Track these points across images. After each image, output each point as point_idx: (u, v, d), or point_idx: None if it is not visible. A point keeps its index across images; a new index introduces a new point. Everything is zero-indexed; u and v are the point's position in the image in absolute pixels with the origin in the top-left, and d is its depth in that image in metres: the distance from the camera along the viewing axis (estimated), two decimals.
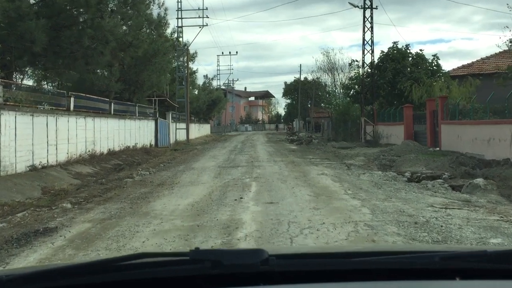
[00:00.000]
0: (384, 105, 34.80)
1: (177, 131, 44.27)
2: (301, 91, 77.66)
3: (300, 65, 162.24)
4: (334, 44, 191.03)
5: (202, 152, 27.82)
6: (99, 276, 1.39)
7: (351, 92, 35.90)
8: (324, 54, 50.95)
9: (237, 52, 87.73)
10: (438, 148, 21.68)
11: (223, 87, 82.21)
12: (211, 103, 56.97)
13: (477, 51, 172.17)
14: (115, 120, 26.03)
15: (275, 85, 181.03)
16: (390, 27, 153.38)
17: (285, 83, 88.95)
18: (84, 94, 21.83)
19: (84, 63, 16.22)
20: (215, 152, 27.16)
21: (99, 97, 23.70)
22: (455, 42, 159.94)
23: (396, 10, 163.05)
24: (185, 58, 45.09)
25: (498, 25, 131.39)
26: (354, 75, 37.31)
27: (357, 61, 39.72)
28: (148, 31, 27.21)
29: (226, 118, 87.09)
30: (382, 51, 34.87)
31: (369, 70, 34.49)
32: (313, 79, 75.59)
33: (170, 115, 41.60)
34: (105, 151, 23.67)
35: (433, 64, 34.23)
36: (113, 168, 20.69)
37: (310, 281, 1.43)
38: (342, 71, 48.81)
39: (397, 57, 33.67)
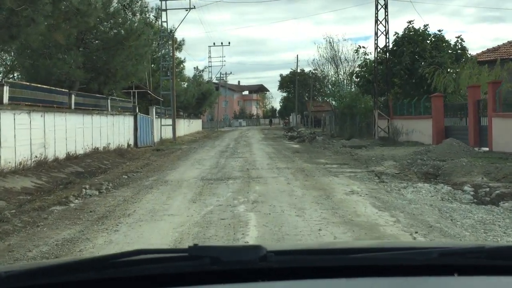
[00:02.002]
0: (400, 96, 29.95)
1: (162, 128, 39.31)
2: (298, 84, 72.72)
3: (297, 55, 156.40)
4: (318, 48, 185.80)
5: (186, 154, 22.91)
6: (97, 273, 1.36)
7: (361, 82, 31.02)
8: (326, 40, 45.71)
9: (229, 43, 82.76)
10: (487, 149, 16.89)
11: (215, 80, 77.20)
12: (201, 97, 51.82)
13: (470, 44, 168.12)
14: (78, 116, 21.05)
15: (269, 80, 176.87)
16: (396, 19, 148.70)
17: (281, 75, 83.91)
18: (28, 83, 16.86)
19: (8, 35, 11.24)
20: (202, 154, 22.25)
21: (53, 88, 18.72)
22: (447, 35, 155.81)
23: (388, 4, 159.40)
24: (171, 45, 40.03)
25: (490, 18, 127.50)
26: (363, 61, 32.43)
27: (364, 47, 35.05)
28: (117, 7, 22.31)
29: (219, 113, 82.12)
30: (397, 33, 30.00)
31: (381, 56, 29.60)
32: (311, 70, 70.69)
33: (154, 110, 36.59)
34: (62, 156, 18.71)
35: (457, 47, 29.40)
36: (68, 178, 15.76)
37: (309, 277, 1.41)
38: (346, 60, 43.88)
39: (414, 39, 28.78)
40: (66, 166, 18.05)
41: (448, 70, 25.59)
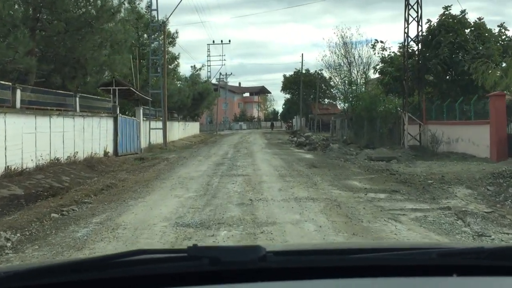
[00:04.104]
0: (434, 96, 24.88)
1: (152, 132, 34.30)
2: (303, 85, 67.58)
3: (302, 54, 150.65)
4: (327, 44, 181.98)
5: (171, 168, 17.81)
6: (97, 273, 1.36)
7: (386, 79, 25.90)
8: (337, 34, 40.13)
9: (229, 41, 77.64)
10: None
11: (215, 81, 72.13)
12: (197, 97, 46.56)
13: None
14: (27, 118, 16.03)
15: (271, 83, 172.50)
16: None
17: (285, 76, 78.60)
18: None
19: None
20: (190, 169, 17.13)
21: None
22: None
23: (389, 8, 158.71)
24: (162, 38, 34.94)
25: (491, 23, 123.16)
26: (388, 56, 27.34)
27: (382, 42, 29.97)
28: None
29: (219, 116, 77.09)
30: (429, 21, 24.95)
31: (411, 48, 24.50)
32: (317, 71, 65.55)
33: (141, 111, 31.55)
34: None
35: (501, 37, 24.35)
36: None
37: (308, 277, 1.39)
38: (360, 57, 38.71)
39: (453, 27, 23.71)
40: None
41: (501, 64, 20.50)
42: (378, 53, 30.08)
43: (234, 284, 1.35)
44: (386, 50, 29.37)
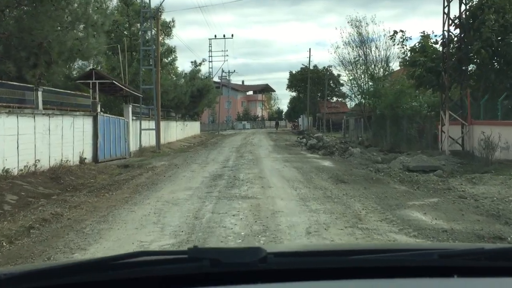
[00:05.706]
0: (477, 90, 20.63)
1: (145, 133, 30.22)
2: (310, 82, 63.31)
3: (310, 49, 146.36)
4: (332, 41, 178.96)
5: (154, 183, 13.59)
6: (97, 274, 1.34)
7: (419, 71, 21.63)
8: (351, 24, 35.81)
9: (232, 35, 73.65)
10: None
11: (217, 79, 67.96)
12: (196, 94, 42.25)
13: None
14: None
15: (275, 82, 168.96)
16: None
17: (290, 72, 74.16)
18: None
19: None
20: (177, 185, 12.89)
21: None
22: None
23: (391, 7, 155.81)
24: (154, 26, 30.73)
25: None
26: (418, 43, 23.04)
27: (402, 31, 25.81)
28: None
29: (221, 115, 72.94)
30: (471, 0, 20.67)
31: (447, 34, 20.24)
32: (326, 67, 61.45)
33: (130, 109, 27.44)
34: None
35: None
36: None
37: (308, 279, 1.37)
38: (377, 48, 34.47)
39: (499, 4, 19.44)
40: None
41: None
42: (398, 44, 26.08)
43: (235, 285, 1.32)
44: (407, 40, 25.40)
